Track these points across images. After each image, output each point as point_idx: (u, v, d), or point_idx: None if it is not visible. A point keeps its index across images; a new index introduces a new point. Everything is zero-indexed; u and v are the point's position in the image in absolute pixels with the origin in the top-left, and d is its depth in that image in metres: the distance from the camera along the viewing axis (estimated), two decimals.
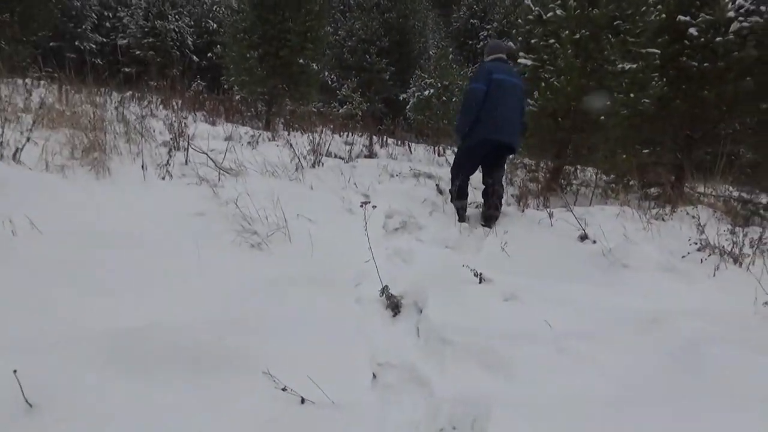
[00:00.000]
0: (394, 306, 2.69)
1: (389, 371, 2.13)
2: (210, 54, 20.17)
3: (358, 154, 7.42)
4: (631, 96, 5.54)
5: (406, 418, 1.82)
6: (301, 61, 10.41)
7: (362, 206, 2.99)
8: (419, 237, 4.01)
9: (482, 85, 4.40)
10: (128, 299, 2.33)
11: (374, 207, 3.18)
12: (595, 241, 3.78)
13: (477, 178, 4.89)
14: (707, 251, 3.45)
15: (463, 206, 4.66)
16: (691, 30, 5.68)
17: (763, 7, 5.39)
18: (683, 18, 5.74)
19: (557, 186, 5.96)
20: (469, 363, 2.11)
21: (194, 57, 21.27)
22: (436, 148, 9.45)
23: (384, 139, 9.96)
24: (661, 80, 5.68)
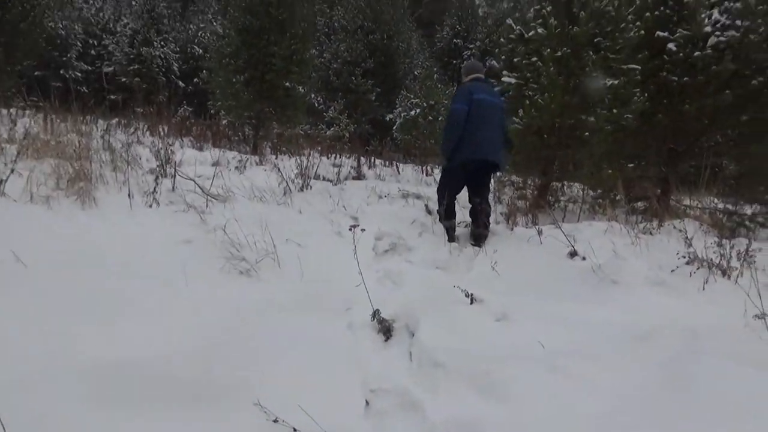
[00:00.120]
0: (386, 330, 2.67)
1: (382, 397, 2.11)
2: (196, 79, 20.27)
3: (347, 176, 7.43)
4: (614, 111, 5.62)
5: None
6: (287, 85, 10.46)
7: (351, 230, 2.97)
8: (409, 258, 4.00)
9: (464, 106, 4.47)
10: (114, 330, 2.29)
11: (363, 230, 3.17)
12: (585, 258, 3.79)
13: (463, 197, 4.91)
14: (695, 264, 3.47)
15: (452, 226, 4.70)
16: (670, 45, 5.78)
17: (739, 22, 5.49)
18: (662, 34, 5.84)
19: (545, 203, 5.99)
20: (462, 386, 2.10)
21: (180, 83, 21.37)
22: (424, 168, 9.50)
23: (372, 160, 10.00)
24: (643, 95, 5.76)
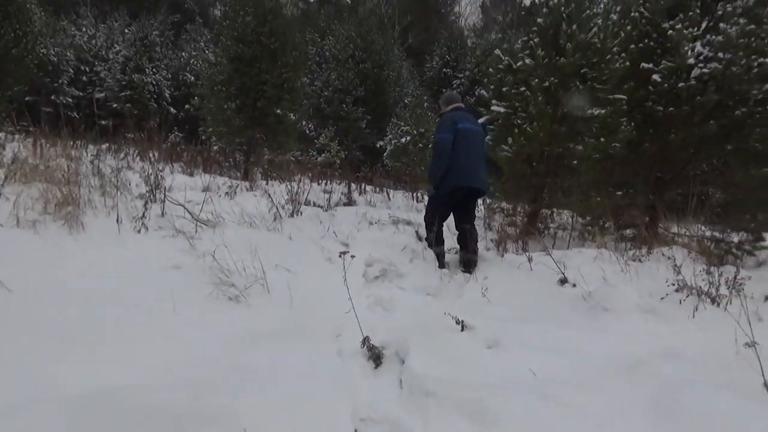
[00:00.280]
0: (376, 357, 2.63)
1: (372, 426, 2.08)
2: (187, 106, 20.32)
3: (337, 202, 7.44)
4: (602, 140, 5.71)
5: None
6: (279, 112, 10.53)
7: (341, 256, 2.96)
8: (400, 285, 3.98)
9: (449, 135, 4.60)
10: (98, 358, 2.24)
11: (353, 256, 3.15)
12: (575, 285, 3.79)
13: (450, 223, 4.94)
14: (685, 292, 3.48)
15: (442, 252, 4.75)
16: (655, 76, 5.89)
17: (721, 54, 5.62)
18: (646, 65, 5.96)
19: (535, 230, 6.01)
20: (453, 414, 2.07)
21: (171, 109, 21.41)
22: (415, 195, 9.53)
23: (362, 187, 10.03)
24: (630, 125, 5.85)
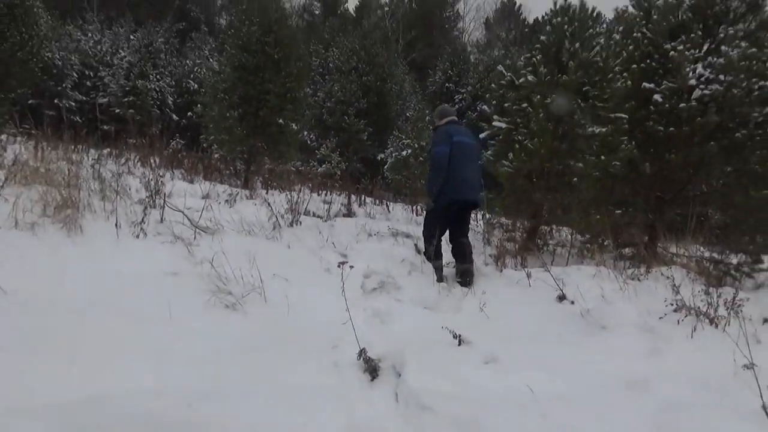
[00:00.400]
0: (372, 370, 2.61)
1: None
2: (190, 113, 20.39)
3: (337, 213, 7.42)
4: (602, 158, 5.72)
5: None
6: (281, 121, 10.55)
7: (339, 266, 2.95)
8: (398, 297, 3.96)
9: (446, 148, 4.63)
10: (91, 364, 2.21)
11: (351, 267, 3.14)
12: (573, 302, 3.77)
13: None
14: (683, 312, 3.46)
15: (440, 266, 4.74)
16: (656, 96, 5.91)
17: (722, 76, 5.65)
18: (648, 85, 5.98)
19: (534, 246, 6.00)
20: (449, 430, 2.04)
21: (174, 116, 21.48)
22: (414, 208, 9.53)
23: (362, 199, 10.03)
24: (630, 143, 5.87)
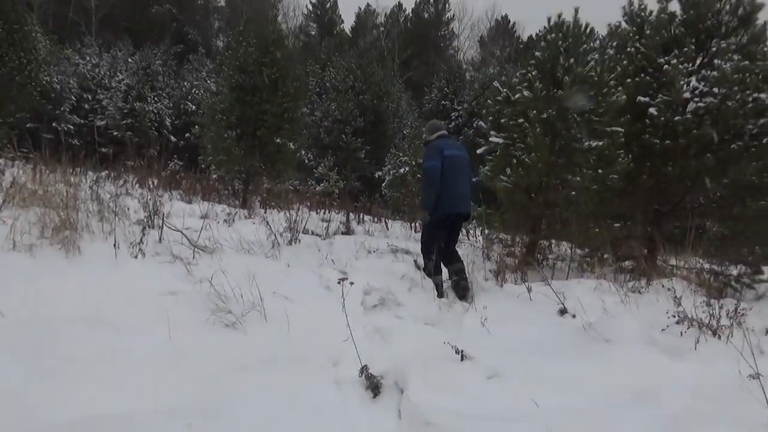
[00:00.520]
0: (374, 386, 2.58)
1: None
2: (188, 134, 20.49)
3: (335, 231, 7.41)
4: (600, 172, 5.73)
5: None
6: (278, 141, 10.61)
7: (340, 283, 2.93)
8: (398, 314, 3.93)
9: (437, 162, 4.71)
10: (89, 385, 2.19)
11: (352, 284, 3.12)
12: (575, 315, 3.76)
13: None
14: (686, 324, 3.44)
15: (441, 282, 4.74)
16: (651, 110, 5.95)
17: (716, 89, 5.69)
18: (643, 99, 6.03)
19: (534, 260, 5.99)
20: None
21: (172, 137, 21.59)
22: (413, 225, 9.52)
23: (361, 216, 10.03)
24: (627, 157, 5.89)
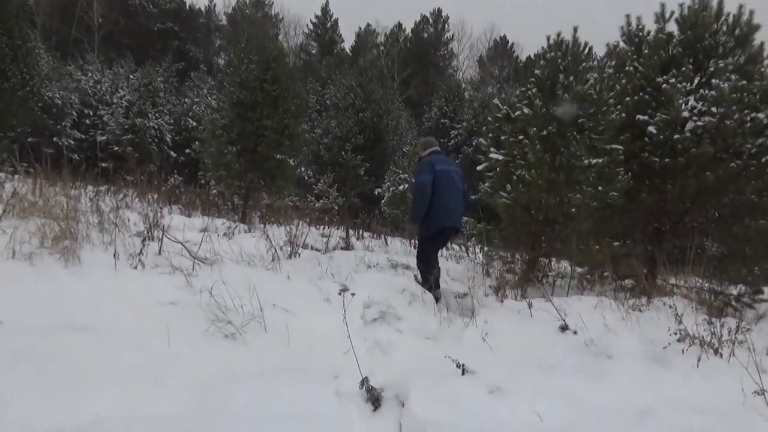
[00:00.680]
0: (375, 399, 2.55)
1: None
2: (188, 150, 20.57)
3: (335, 246, 7.43)
4: (600, 189, 5.75)
5: None
6: (278, 157, 10.65)
7: (340, 294, 2.92)
8: (398, 327, 3.91)
9: (429, 177, 4.80)
10: (87, 394, 2.15)
11: (353, 295, 3.11)
12: (576, 332, 3.74)
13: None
14: (687, 341, 3.43)
15: (440, 295, 4.82)
16: (650, 128, 5.99)
17: (714, 108, 5.74)
18: (642, 117, 6.08)
19: (534, 277, 5.97)
20: None
21: (172, 153, 21.69)
22: (412, 241, 9.52)
23: (360, 232, 10.03)
24: (627, 174, 5.91)
